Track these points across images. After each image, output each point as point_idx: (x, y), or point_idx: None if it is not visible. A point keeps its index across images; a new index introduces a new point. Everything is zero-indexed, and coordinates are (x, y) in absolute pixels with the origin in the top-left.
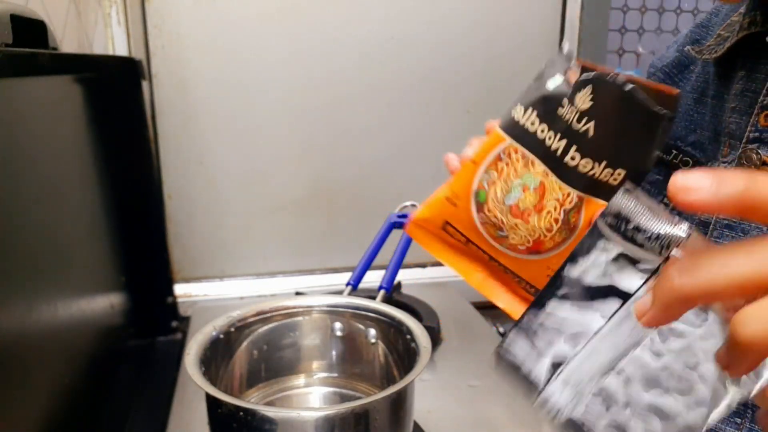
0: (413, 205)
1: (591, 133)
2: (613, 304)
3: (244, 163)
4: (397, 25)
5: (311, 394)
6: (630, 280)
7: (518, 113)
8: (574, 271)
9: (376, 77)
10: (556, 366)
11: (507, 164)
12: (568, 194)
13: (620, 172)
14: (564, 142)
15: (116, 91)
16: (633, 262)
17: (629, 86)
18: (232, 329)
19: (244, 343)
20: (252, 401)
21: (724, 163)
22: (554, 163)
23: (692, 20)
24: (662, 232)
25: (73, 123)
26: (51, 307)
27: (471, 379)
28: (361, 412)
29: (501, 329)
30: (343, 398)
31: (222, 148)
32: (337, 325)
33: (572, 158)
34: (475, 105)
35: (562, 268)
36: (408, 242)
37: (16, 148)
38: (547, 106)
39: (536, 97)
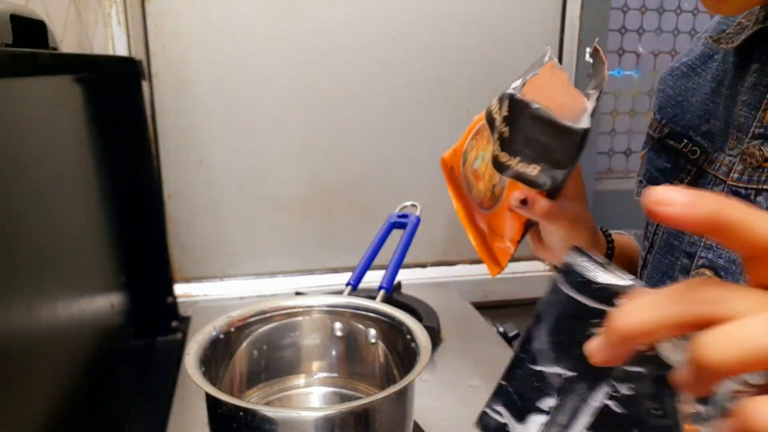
0: (413, 205)
1: (507, 135)
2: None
3: (244, 163)
4: (397, 25)
5: (311, 394)
6: (587, 329)
7: (495, 100)
8: (540, 329)
9: (376, 77)
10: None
11: (480, 138)
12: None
13: (535, 167)
14: (497, 135)
15: (116, 91)
16: (588, 312)
17: (535, 106)
18: (232, 329)
19: (244, 343)
20: (252, 401)
21: (729, 156)
22: (496, 146)
23: (692, 20)
24: (611, 283)
25: (73, 123)
26: (51, 307)
27: (471, 379)
28: (361, 412)
29: (501, 329)
30: (343, 398)
31: (222, 148)
32: (337, 325)
33: (499, 149)
34: (475, 105)
35: (530, 326)
36: (408, 242)
37: (16, 148)
38: (502, 103)
39: (503, 92)
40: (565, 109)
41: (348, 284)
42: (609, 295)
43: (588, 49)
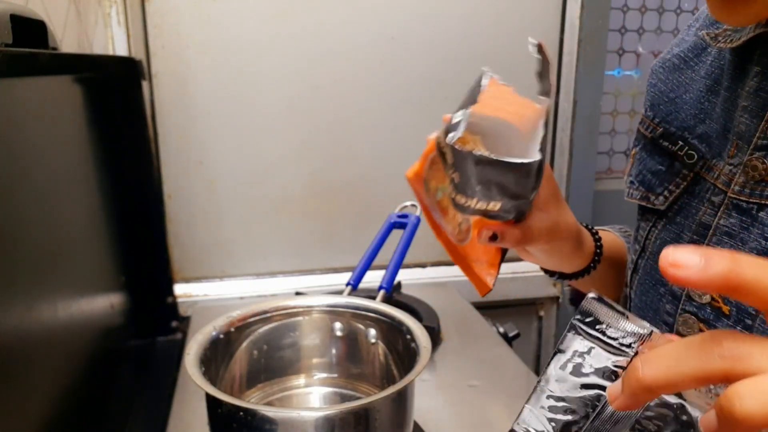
0: (413, 205)
1: (457, 180)
2: (595, 393)
3: (244, 163)
4: (397, 25)
5: (311, 394)
6: (605, 373)
7: (441, 132)
8: (558, 364)
9: (376, 77)
10: None
11: (436, 169)
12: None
13: (495, 203)
14: (449, 178)
15: (116, 91)
16: (607, 356)
17: (477, 153)
18: (232, 329)
19: (244, 343)
20: (252, 401)
21: (729, 165)
22: (450, 188)
23: None
24: (629, 330)
25: (73, 123)
26: (51, 307)
27: (471, 379)
28: (361, 412)
29: (501, 329)
30: (343, 398)
31: (222, 148)
32: (337, 325)
33: (453, 191)
34: None
35: (549, 362)
36: (408, 242)
37: (16, 148)
38: (445, 147)
39: (447, 125)
40: (520, 118)
41: (348, 284)
42: (628, 342)
43: (531, 41)
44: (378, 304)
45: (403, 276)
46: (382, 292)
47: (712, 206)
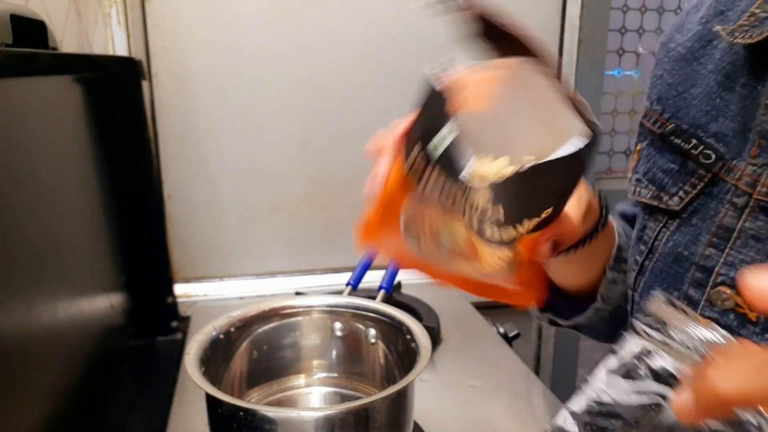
0: None
1: (502, 216)
2: (651, 399)
3: (244, 162)
4: (397, 25)
5: (311, 394)
6: (666, 379)
7: (415, 157)
8: (609, 365)
9: (376, 77)
10: None
11: (427, 215)
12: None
13: (546, 211)
14: (477, 218)
15: (116, 91)
16: (670, 361)
17: (527, 167)
18: (232, 329)
19: (244, 343)
20: (252, 401)
21: (752, 165)
22: (493, 231)
23: None
24: (699, 336)
25: (73, 123)
26: (51, 307)
27: (471, 379)
28: (361, 412)
29: (501, 329)
30: (343, 398)
31: (222, 148)
32: (337, 325)
33: (491, 232)
34: None
35: (597, 362)
36: None
37: (16, 148)
38: (450, 167)
39: (415, 157)
40: (512, 96)
41: (348, 284)
42: (695, 347)
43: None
44: (378, 304)
45: (403, 276)
46: (382, 292)
47: (734, 208)
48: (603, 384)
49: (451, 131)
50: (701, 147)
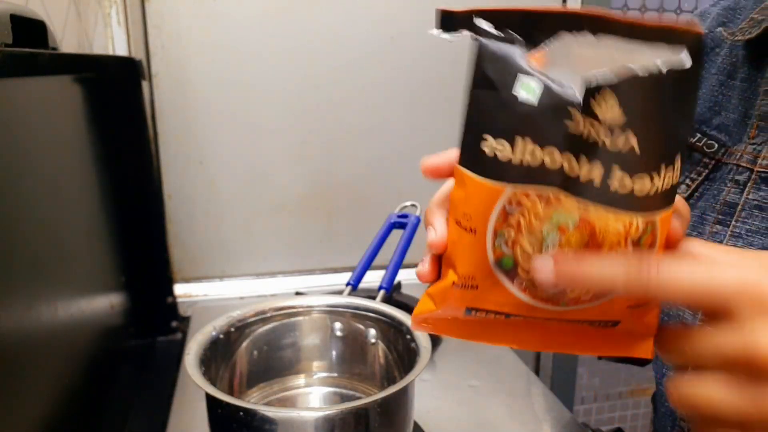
0: (413, 205)
1: (637, 149)
2: None
3: (244, 163)
4: (397, 25)
5: (311, 394)
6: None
7: (495, 147)
8: None
9: (376, 77)
10: None
11: (522, 215)
12: (631, 222)
13: (679, 160)
14: (598, 165)
15: (116, 91)
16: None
17: (657, 65)
18: (232, 329)
19: (244, 343)
20: (252, 401)
21: (752, 144)
22: (594, 192)
23: None
24: None
25: (73, 123)
26: (51, 307)
27: (471, 379)
28: (361, 412)
29: None
30: (343, 398)
31: (222, 148)
32: (337, 325)
33: (621, 183)
34: None
35: None
36: (408, 242)
37: (16, 148)
38: (544, 125)
39: (514, 117)
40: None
41: (348, 284)
42: None
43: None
44: (378, 304)
45: (403, 276)
46: (382, 292)
47: (736, 185)
48: None
49: (532, 80)
50: (705, 139)
